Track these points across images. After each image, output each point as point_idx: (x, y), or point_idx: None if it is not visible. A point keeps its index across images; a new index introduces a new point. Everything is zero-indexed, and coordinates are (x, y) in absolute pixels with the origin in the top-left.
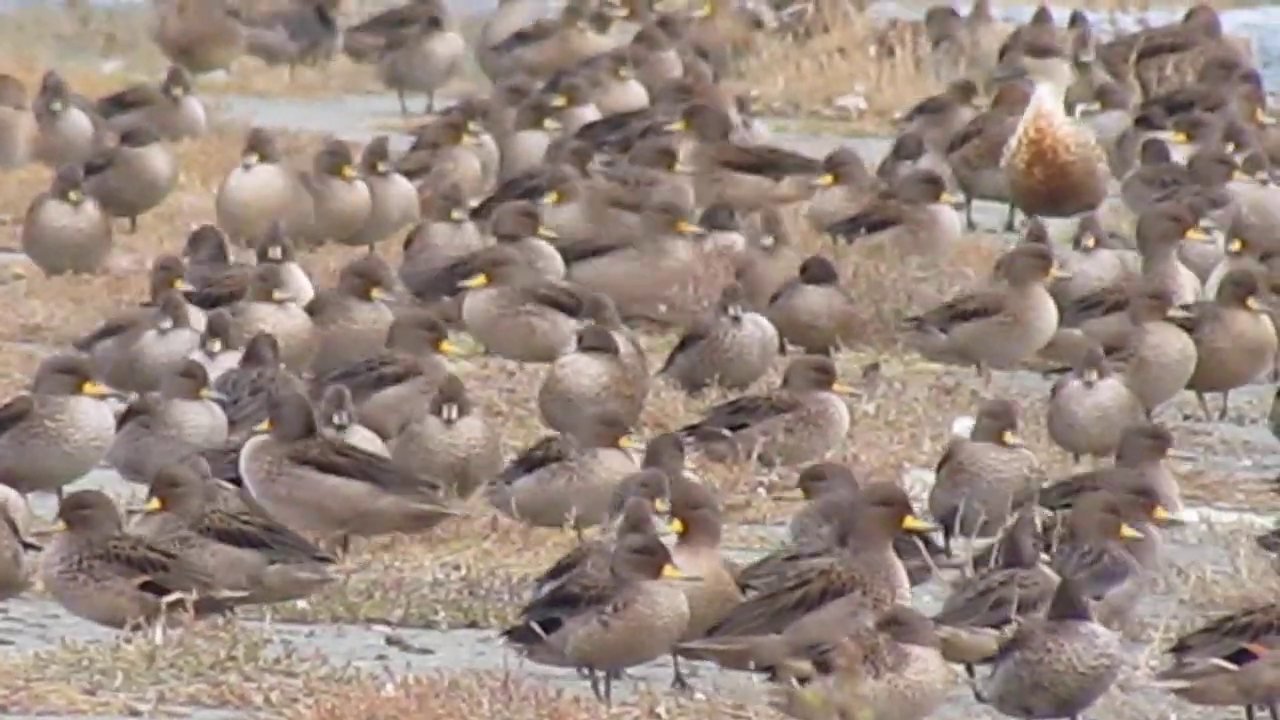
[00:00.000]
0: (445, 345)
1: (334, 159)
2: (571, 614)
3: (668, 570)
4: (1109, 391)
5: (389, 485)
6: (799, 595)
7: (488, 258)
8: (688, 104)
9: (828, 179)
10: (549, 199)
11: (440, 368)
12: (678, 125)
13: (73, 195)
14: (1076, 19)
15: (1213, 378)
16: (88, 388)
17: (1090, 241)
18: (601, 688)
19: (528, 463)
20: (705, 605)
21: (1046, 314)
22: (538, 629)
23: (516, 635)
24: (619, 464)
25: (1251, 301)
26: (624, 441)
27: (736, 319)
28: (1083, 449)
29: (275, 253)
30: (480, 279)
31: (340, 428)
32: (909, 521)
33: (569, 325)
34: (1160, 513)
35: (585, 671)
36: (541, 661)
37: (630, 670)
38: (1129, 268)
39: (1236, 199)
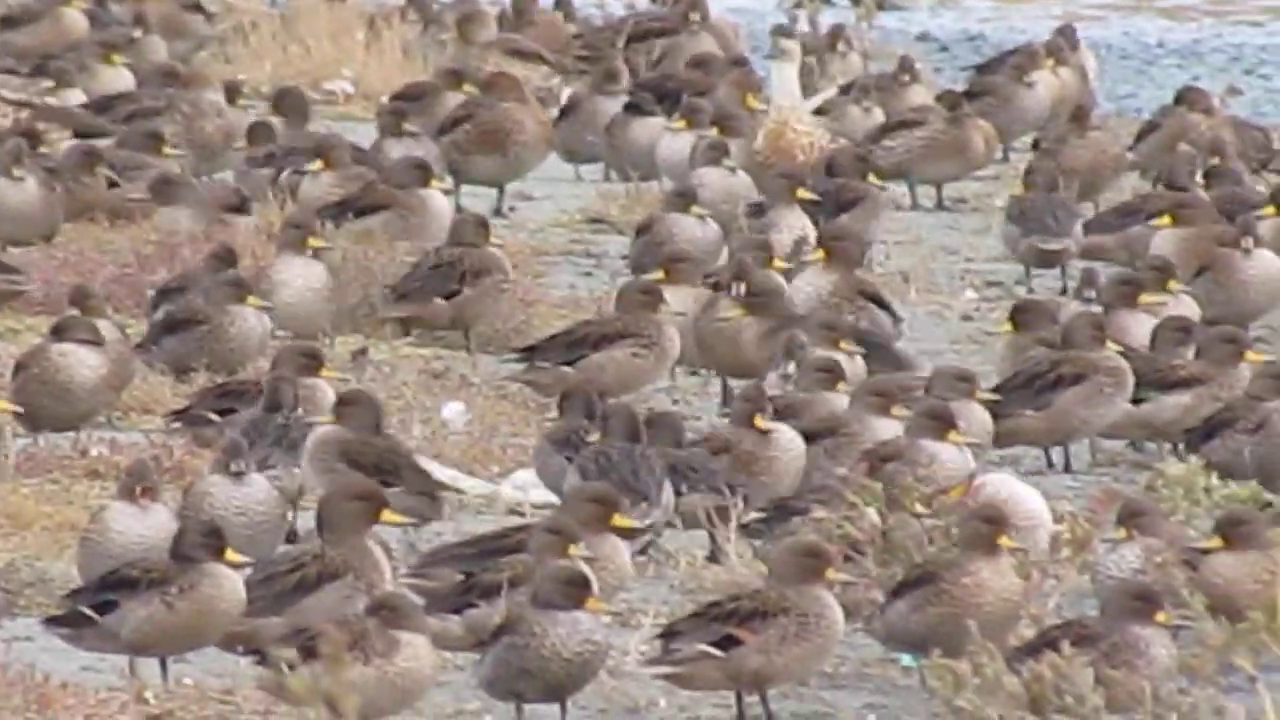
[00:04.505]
0: None
1: None
2: (130, 596)
3: None
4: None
5: None
6: (296, 578)
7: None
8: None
9: (318, 164)
10: None
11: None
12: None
13: None
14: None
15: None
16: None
17: None
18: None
19: None
20: None
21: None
22: (90, 613)
23: (63, 620)
24: None
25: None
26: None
27: (265, 309)
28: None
29: None
30: None
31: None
32: (386, 514)
33: None
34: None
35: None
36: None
37: (118, 658)
38: None
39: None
